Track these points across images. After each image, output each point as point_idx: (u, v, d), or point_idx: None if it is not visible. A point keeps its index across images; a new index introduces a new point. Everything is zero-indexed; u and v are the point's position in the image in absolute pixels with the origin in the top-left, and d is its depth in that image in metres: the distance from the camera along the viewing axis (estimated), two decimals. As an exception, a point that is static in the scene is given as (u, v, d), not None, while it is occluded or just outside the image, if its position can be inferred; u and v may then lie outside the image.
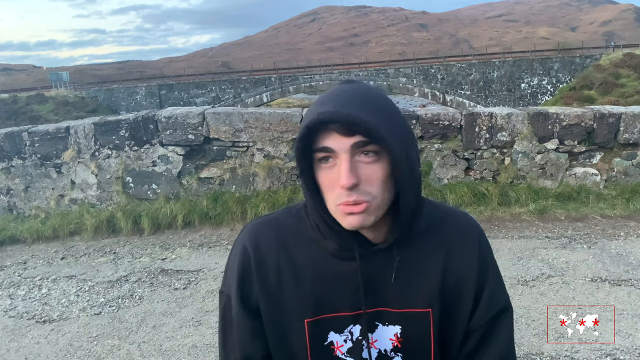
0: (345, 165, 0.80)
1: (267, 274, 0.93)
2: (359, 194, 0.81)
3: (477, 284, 0.94)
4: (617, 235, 4.44)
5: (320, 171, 0.84)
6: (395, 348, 0.93)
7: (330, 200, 0.84)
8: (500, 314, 0.96)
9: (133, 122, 5.42)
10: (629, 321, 3.04)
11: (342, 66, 45.87)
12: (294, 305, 0.91)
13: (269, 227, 0.97)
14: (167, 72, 61.29)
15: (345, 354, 0.92)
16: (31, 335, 3.27)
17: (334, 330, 0.92)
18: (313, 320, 0.91)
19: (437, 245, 0.94)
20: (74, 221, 5.17)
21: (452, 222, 0.97)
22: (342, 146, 0.80)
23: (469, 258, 0.95)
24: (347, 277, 0.90)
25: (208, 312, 3.39)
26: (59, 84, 43.03)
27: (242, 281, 0.94)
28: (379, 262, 0.90)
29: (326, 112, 0.79)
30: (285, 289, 0.92)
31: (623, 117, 5.33)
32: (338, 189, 0.81)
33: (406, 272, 0.91)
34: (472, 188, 5.22)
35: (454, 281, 0.93)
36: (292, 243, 0.94)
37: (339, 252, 0.90)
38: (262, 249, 0.94)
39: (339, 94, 0.84)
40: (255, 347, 0.93)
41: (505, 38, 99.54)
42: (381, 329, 0.92)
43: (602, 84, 30.44)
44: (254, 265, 0.93)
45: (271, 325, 0.92)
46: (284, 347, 0.93)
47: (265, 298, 0.92)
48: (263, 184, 5.41)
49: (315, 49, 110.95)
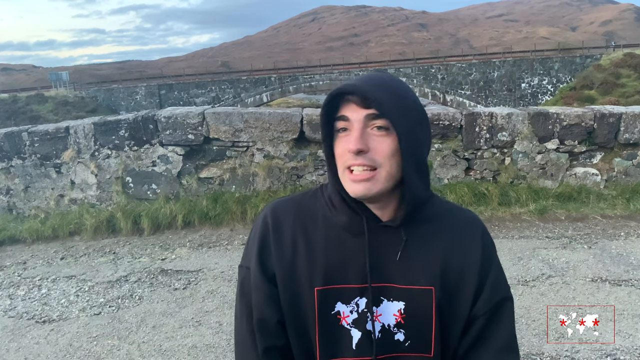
0: (356, 133, 0.92)
1: (283, 243, 1.00)
2: (365, 159, 0.91)
3: (480, 271, 1.00)
4: (618, 236, 4.44)
5: (337, 140, 0.96)
6: (398, 324, 0.97)
7: (341, 166, 0.95)
8: (503, 302, 1.01)
9: (133, 122, 5.42)
10: (629, 321, 3.04)
11: (342, 66, 45.82)
12: (305, 274, 0.98)
13: (288, 203, 1.07)
14: (167, 72, 61.27)
15: (350, 324, 0.97)
16: (31, 335, 3.27)
17: (341, 301, 0.97)
18: (322, 289, 0.97)
19: (443, 231, 1.01)
20: (74, 221, 5.17)
21: (458, 216, 1.05)
22: (357, 116, 0.92)
23: (473, 247, 1.01)
24: (356, 250, 0.97)
25: (208, 312, 3.39)
26: (59, 84, 43.02)
27: (261, 249, 1.01)
28: (387, 240, 0.98)
29: (348, 85, 0.93)
30: (299, 258, 0.99)
31: (623, 117, 5.33)
32: (347, 154, 0.92)
33: (412, 252, 0.98)
34: (472, 188, 5.21)
35: (457, 266, 0.99)
36: (308, 218, 1.03)
37: (349, 226, 0.98)
38: (281, 221, 1.03)
39: (365, 76, 0.97)
40: (270, 311, 0.99)
41: (505, 38, 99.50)
42: (386, 303, 0.97)
43: (603, 84, 30.43)
44: (272, 235, 1.01)
45: (284, 291, 0.99)
46: (295, 313, 0.99)
47: (280, 265, 0.99)
48: (263, 184, 5.40)
49: (315, 48, 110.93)
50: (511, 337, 1.02)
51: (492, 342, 0.99)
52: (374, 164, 0.91)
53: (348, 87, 0.92)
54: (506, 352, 1.00)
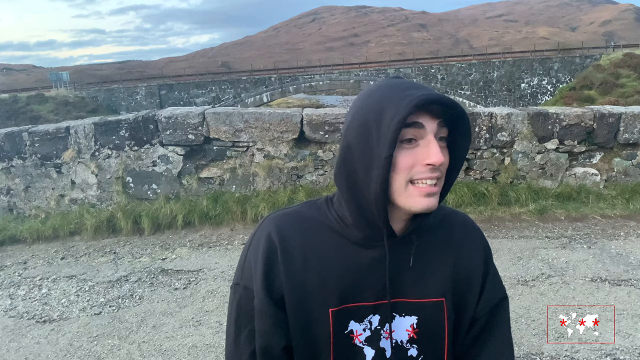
0: (436, 144, 0.85)
1: (293, 264, 0.93)
2: (439, 172, 0.87)
3: (482, 275, 1.00)
4: (617, 235, 4.45)
5: (400, 152, 0.86)
6: (411, 339, 0.96)
7: (402, 180, 0.86)
8: (500, 303, 1.03)
9: (133, 122, 5.42)
10: (629, 321, 3.04)
11: (342, 66, 45.81)
12: (319, 295, 0.93)
13: (293, 217, 0.98)
14: (167, 72, 61.27)
15: (363, 342, 0.95)
16: (31, 335, 3.27)
17: (355, 319, 0.94)
18: (337, 310, 0.93)
19: (449, 239, 1.00)
20: (74, 221, 5.17)
21: (457, 219, 1.04)
22: (432, 126, 0.86)
23: (476, 251, 1.01)
24: (371, 266, 0.93)
25: (208, 312, 3.40)
26: (59, 84, 43.03)
27: (267, 270, 0.93)
28: (399, 252, 0.94)
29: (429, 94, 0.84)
30: (311, 278, 0.93)
31: (623, 117, 5.33)
32: (419, 166, 0.85)
33: (421, 263, 0.96)
34: (472, 188, 5.22)
35: (464, 273, 0.98)
36: (316, 233, 0.95)
37: (364, 242, 0.93)
38: (288, 238, 0.94)
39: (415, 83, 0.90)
40: (276, 337, 0.94)
41: (505, 38, 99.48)
42: (398, 319, 0.95)
43: (602, 84, 30.44)
44: (281, 254, 0.93)
45: (295, 314, 0.93)
46: (306, 337, 0.94)
47: (290, 287, 0.93)
48: (263, 184, 5.41)
49: (315, 49, 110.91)
50: (507, 336, 1.03)
51: (490, 343, 1.00)
52: (442, 176, 0.89)
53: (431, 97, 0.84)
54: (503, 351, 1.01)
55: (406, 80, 0.91)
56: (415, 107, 0.83)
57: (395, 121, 0.82)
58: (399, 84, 0.90)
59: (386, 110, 0.84)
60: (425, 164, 0.84)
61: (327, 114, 5.34)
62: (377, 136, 0.84)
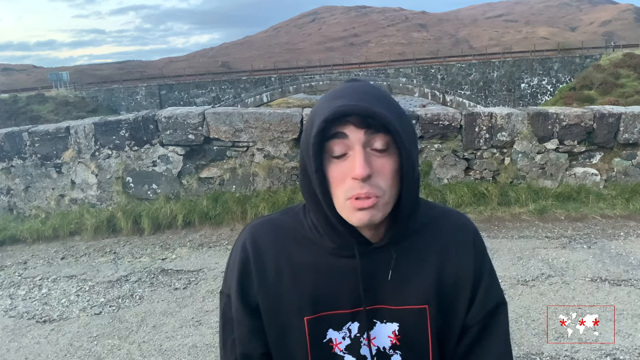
0: (360, 156, 0.81)
1: (266, 273, 0.94)
2: (371, 187, 0.81)
3: (473, 280, 0.95)
4: (617, 235, 4.45)
5: (332, 166, 0.84)
6: (393, 346, 0.93)
7: (339, 195, 0.84)
8: (496, 309, 0.97)
9: (133, 122, 5.42)
10: (628, 321, 3.04)
11: (342, 66, 45.85)
12: (293, 303, 0.92)
13: (268, 226, 0.98)
14: (167, 72, 61.27)
15: (343, 350, 0.93)
16: (31, 335, 3.28)
17: (333, 328, 0.93)
18: (312, 318, 0.92)
19: (434, 243, 0.95)
20: (74, 221, 5.17)
21: (448, 221, 0.99)
22: (357, 137, 0.81)
23: (465, 256, 0.96)
24: (346, 274, 0.91)
25: (208, 312, 3.40)
26: (59, 84, 43.04)
27: (241, 279, 0.95)
28: (376, 260, 0.91)
29: (344, 104, 0.81)
30: (284, 287, 0.93)
31: (623, 117, 5.33)
32: (350, 181, 0.82)
33: (403, 270, 0.92)
34: (472, 188, 5.22)
35: (451, 278, 0.94)
36: (291, 242, 0.95)
37: (337, 251, 0.91)
38: (261, 247, 0.95)
39: (351, 90, 0.86)
40: (254, 345, 0.94)
41: (505, 38, 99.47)
42: (379, 326, 0.93)
43: (602, 84, 30.44)
44: (254, 263, 0.94)
45: (270, 323, 0.93)
46: (284, 345, 0.93)
47: (264, 296, 0.93)
48: (263, 184, 5.41)
49: (315, 49, 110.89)
50: (505, 342, 0.98)
51: (486, 351, 0.96)
52: (380, 192, 0.82)
53: (344, 108, 0.80)
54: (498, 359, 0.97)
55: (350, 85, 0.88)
56: (324, 122, 0.80)
57: (313, 135, 0.81)
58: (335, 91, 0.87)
59: (314, 122, 0.83)
60: (351, 177, 0.81)
61: (327, 114, 5.34)
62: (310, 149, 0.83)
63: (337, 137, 0.82)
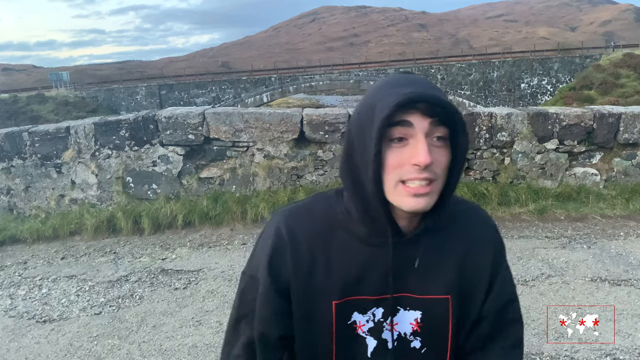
0: (424, 144, 0.83)
1: (300, 257, 0.95)
2: (429, 173, 0.84)
3: (491, 272, 1.00)
4: (617, 235, 4.45)
5: (390, 150, 0.85)
6: (414, 332, 0.97)
7: (391, 179, 0.86)
8: (511, 302, 1.02)
9: (133, 122, 5.42)
10: (628, 321, 3.04)
11: (342, 66, 45.82)
12: (323, 288, 0.95)
13: (303, 211, 1.00)
14: (167, 72, 61.27)
15: (366, 332, 0.96)
16: (31, 335, 3.28)
17: (358, 311, 0.96)
18: (340, 302, 0.95)
19: (460, 236, 0.99)
20: (74, 221, 5.17)
21: (475, 216, 1.04)
22: (422, 125, 0.83)
23: (487, 250, 1.01)
24: (375, 262, 0.94)
25: (208, 312, 3.40)
26: (59, 84, 43.06)
27: (274, 261, 0.96)
28: (405, 249, 0.94)
29: (415, 92, 0.83)
30: (317, 272, 0.95)
31: (623, 117, 5.33)
32: (408, 166, 0.84)
33: (429, 260, 0.95)
34: (472, 188, 5.22)
35: (472, 271, 0.98)
36: (324, 228, 0.97)
37: (369, 238, 0.94)
38: (296, 232, 0.97)
39: (411, 79, 0.88)
40: (274, 327, 0.97)
41: (505, 38, 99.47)
42: (402, 313, 0.96)
43: (602, 84, 30.46)
44: (289, 247, 0.96)
45: (300, 305, 0.96)
46: (309, 326, 0.96)
47: (297, 279, 0.95)
48: (263, 184, 5.41)
49: (315, 49, 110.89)
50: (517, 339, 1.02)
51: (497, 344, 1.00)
52: (435, 177, 0.85)
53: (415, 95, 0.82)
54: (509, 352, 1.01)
55: (408, 76, 0.90)
56: (396, 106, 0.81)
57: (379, 119, 0.82)
58: (396, 79, 0.89)
59: (377, 107, 0.84)
60: (412, 164, 0.83)
61: (327, 114, 5.35)
62: (369, 134, 0.84)
63: (400, 125, 0.84)
